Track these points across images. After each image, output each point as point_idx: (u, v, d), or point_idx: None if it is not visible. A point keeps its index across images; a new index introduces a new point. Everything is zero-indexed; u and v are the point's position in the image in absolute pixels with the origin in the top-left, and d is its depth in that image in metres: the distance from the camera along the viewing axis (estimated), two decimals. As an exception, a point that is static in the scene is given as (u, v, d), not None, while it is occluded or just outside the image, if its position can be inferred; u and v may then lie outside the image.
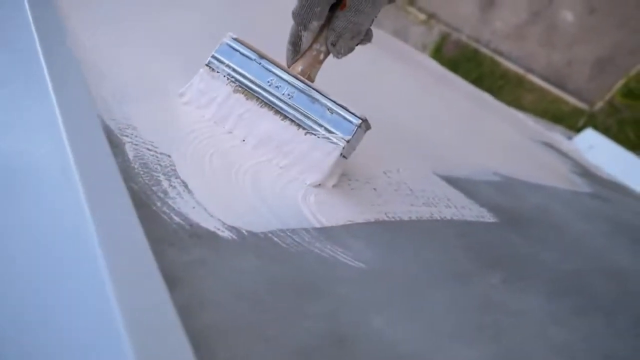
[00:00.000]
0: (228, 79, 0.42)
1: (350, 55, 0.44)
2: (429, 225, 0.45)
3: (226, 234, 0.32)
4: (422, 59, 1.60)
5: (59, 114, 0.31)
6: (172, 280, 0.26)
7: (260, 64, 0.42)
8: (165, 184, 0.34)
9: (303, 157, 0.41)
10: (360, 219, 0.40)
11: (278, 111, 0.41)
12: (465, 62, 3.87)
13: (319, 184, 0.41)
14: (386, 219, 0.42)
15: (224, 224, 0.33)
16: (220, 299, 0.27)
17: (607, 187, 0.95)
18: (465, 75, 4.08)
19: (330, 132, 0.41)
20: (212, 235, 0.31)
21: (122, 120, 0.39)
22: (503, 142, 0.92)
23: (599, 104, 3.54)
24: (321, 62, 0.44)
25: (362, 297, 0.32)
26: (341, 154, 0.41)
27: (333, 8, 0.41)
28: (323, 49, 0.43)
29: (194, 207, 0.33)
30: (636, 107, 3.35)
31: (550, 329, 0.38)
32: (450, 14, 4.08)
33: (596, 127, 3.54)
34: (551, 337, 0.37)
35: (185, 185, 0.35)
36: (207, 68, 0.43)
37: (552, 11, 3.73)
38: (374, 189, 0.46)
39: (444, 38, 4.10)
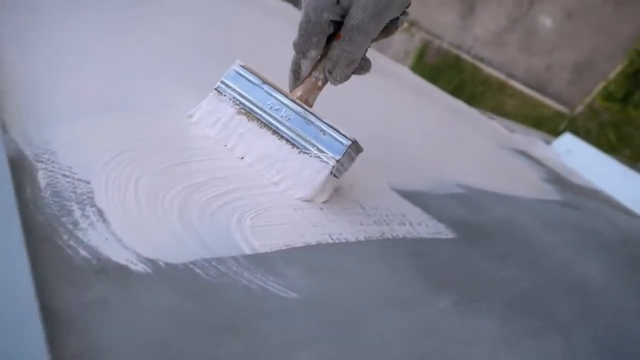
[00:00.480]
0: (233, 102, 0.46)
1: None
2: (378, 245, 0.42)
3: (139, 267, 0.29)
4: (399, 70, 1.59)
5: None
6: (62, 325, 0.24)
7: (263, 88, 0.46)
8: (77, 213, 0.31)
9: (295, 174, 0.44)
10: (299, 242, 0.38)
11: (276, 132, 0.45)
12: (447, 68, 3.88)
13: (309, 199, 0.44)
14: (330, 241, 0.40)
15: (139, 256, 0.30)
16: (120, 345, 0.24)
17: (580, 194, 0.93)
18: (448, 82, 4.09)
19: (321, 151, 0.44)
20: (122, 270, 0.29)
21: (40, 144, 0.36)
22: (472, 152, 0.90)
23: (579, 108, 3.56)
24: (320, 88, 0.47)
25: (288, 332, 0.30)
26: (331, 172, 0.43)
27: (330, 39, 0.44)
28: (321, 76, 0.46)
29: (106, 239, 0.31)
30: (616, 109, 3.36)
31: (502, 355, 0.36)
32: (431, 22, 4.09)
33: (577, 131, 3.56)
34: (502, 364, 0.35)
35: (101, 214, 0.32)
36: (215, 92, 0.47)
37: (530, 17, 3.75)
38: (321, 208, 0.44)
39: (425, 45, 4.11)
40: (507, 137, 1.17)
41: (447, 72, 3.89)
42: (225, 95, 0.46)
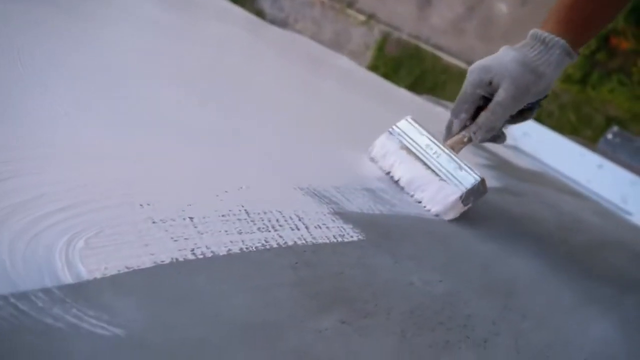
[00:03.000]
0: (399, 140, 0.61)
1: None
2: (255, 258, 0.36)
3: None
4: (345, 65, 1.54)
5: None
6: None
7: (424, 135, 0.60)
8: None
9: (433, 194, 0.57)
10: (147, 262, 0.32)
11: (425, 163, 0.58)
12: (408, 59, 3.86)
13: (440, 214, 0.56)
14: (191, 257, 0.34)
15: None
16: None
17: (525, 179, 0.88)
18: (409, 73, 4.08)
19: (457, 181, 0.56)
20: None
21: None
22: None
23: (540, 91, 3.54)
24: (465, 143, 0.61)
25: (90, 385, 0.23)
26: (460, 196, 0.56)
27: (478, 111, 0.59)
28: (467, 135, 0.60)
29: None
30: (575, 91, 3.37)
31: (390, 382, 0.30)
32: (389, 14, 4.07)
33: (539, 114, 3.56)
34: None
35: None
36: (387, 134, 0.62)
37: (486, 5, 3.75)
38: (190, 217, 0.37)
39: (385, 37, 4.08)
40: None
41: (408, 62, 3.86)
42: (394, 136, 0.61)
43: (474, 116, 0.59)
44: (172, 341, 0.27)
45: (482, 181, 0.56)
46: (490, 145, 1.07)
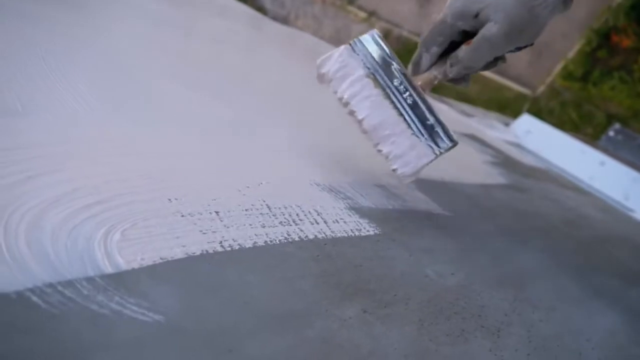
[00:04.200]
0: (364, 63, 0.49)
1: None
2: (279, 250, 0.38)
3: (-43, 302, 0.24)
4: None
5: None
6: None
7: (392, 64, 0.50)
8: None
9: (404, 151, 0.49)
10: (179, 253, 0.33)
11: (397, 108, 0.49)
12: (409, 56, 3.87)
13: (407, 176, 0.50)
14: (220, 249, 0.35)
15: (-41, 288, 0.25)
16: None
17: (529, 176, 0.90)
18: (410, 70, 4.06)
19: (432, 141, 0.49)
20: None
21: None
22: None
23: (541, 88, 3.57)
24: (433, 85, 0.52)
25: (138, 366, 0.25)
26: (432, 160, 0.49)
27: (452, 47, 0.51)
28: (438, 75, 0.51)
29: None
30: (576, 88, 3.38)
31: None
32: (389, 11, 4.08)
33: (540, 111, 3.56)
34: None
35: None
36: (349, 47, 0.50)
37: (486, 0, 3.74)
38: (216, 211, 0.39)
39: (386, 35, 4.08)
40: (457, 121, 1.14)
41: (409, 59, 3.88)
42: (358, 54, 0.49)
43: (447, 53, 0.51)
44: (207, 327, 0.29)
45: (455, 145, 0.49)
46: (494, 143, 1.08)
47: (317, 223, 0.43)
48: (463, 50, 0.49)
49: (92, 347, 0.25)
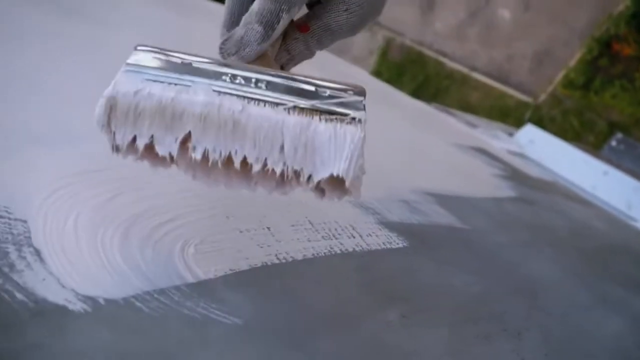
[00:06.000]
0: (165, 89, 0.31)
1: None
2: (325, 262, 0.43)
3: (78, 306, 0.29)
4: (358, 74, 1.60)
5: None
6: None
7: (195, 66, 0.32)
8: (13, 255, 0.31)
9: (317, 149, 0.30)
10: (244, 266, 0.38)
11: (259, 105, 0.30)
12: (411, 64, 3.92)
13: (348, 180, 0.32)
14: (276, 261, 0.40)
15: (77, 294, 0.30)
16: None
17: (535, 188, 0.95)
18: (413, 78, 4.11)
19: (337, 113, 0.31)
20: (59, 311, 0.29)
21: (-26, 184, 0.36)
22: (427, 155, 0.92)
23: (542, 96, 3.62)
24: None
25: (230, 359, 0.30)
26: (364, 136, 0.31)
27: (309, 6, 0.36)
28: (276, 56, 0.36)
29: (44, 279, 0.30)
30: (577, 96, 3.43)
31: (447, 364, 0.37)
32: (392, 19, 4.12)
33: (542, 119, 3.61)
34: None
35: (38, 254, 0.32)
36: (126, 74, 0.32)
37: (489, 10, 3.80)
38: (268, 227, 0.44)
39: (388, 43, 4.13)
40: (465, 133, 1.19)
41: (412, 68, 3.93)
42: (149, 82, 0.31)
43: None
44: (277, 328, 0.34)
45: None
46: (501, 155, 1.13)
47: (354, 237, 0.48)
48: (300, 42, 0.37)
49: (189, 345, 0.30)
